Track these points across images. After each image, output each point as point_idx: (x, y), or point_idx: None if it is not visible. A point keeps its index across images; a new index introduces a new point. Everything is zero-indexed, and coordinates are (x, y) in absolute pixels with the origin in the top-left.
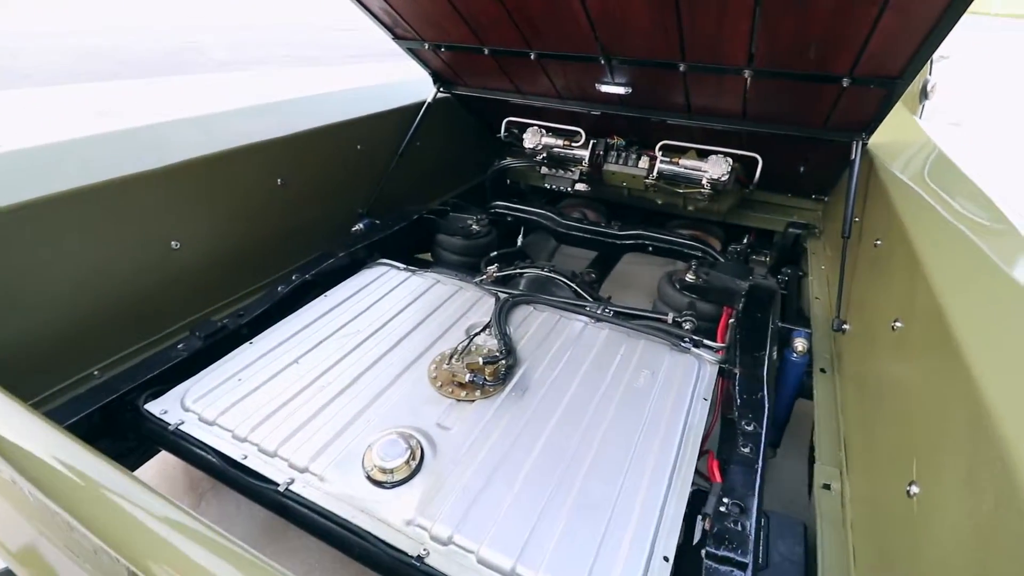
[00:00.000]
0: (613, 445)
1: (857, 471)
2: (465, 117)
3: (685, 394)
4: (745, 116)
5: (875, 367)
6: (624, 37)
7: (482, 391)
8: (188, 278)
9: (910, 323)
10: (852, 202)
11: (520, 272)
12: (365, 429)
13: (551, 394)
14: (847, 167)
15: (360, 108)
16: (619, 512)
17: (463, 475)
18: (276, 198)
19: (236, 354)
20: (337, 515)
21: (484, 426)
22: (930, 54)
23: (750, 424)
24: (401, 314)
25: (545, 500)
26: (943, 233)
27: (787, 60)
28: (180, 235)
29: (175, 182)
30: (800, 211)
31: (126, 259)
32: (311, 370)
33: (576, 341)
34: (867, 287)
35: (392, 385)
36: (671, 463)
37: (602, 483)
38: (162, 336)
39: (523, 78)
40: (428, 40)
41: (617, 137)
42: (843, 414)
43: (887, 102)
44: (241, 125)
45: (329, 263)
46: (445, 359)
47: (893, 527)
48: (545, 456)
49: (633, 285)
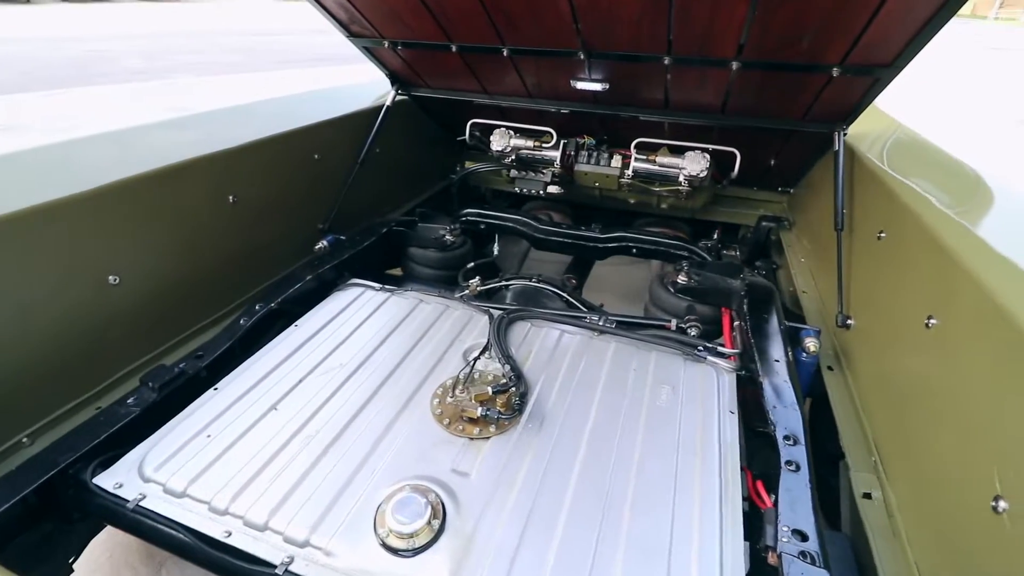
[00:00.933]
0: (651, 475)
1: (902, 479)
2: (424, 121)
3: (711, 409)
4: (724, 110)
5: (906, 366)
6: (608, 29)
7: (497, 425)
8: (131, 317)
9: (950, 320)
10: (841, 193)
11: (506, 284)
12: (371, 485)
13: (571, 422)
14: (818, 158)
15: (303, 116)
16: (677, 555)
17: (494, 531)
18: (228, 218)
19: (200, 405)
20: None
21: (506, 467)
22: (926, 42)
23: (790, 438)
24: (387, 341)
25: (593, 550)
26: (969, 225)
27: (778, 50)
28: (118, 268)
29: (108, 207)
30: (766, 204)
31: (53, 301)
32: (294, 417)
33: (584, 358)
34: (876, 281)
35: (392, 427)
36: (717, 489)
37: (650, 521)
38: (105, 387)
39: (491, 77)
40: (387, 37)
41: (587, 136)
42: (867, 416)
43: (872, 91)
44: (161, 139)
45: (296, 288)
46: (448, 391)
47: (977, 544)
48: (582, 497)
49: (607, 289)
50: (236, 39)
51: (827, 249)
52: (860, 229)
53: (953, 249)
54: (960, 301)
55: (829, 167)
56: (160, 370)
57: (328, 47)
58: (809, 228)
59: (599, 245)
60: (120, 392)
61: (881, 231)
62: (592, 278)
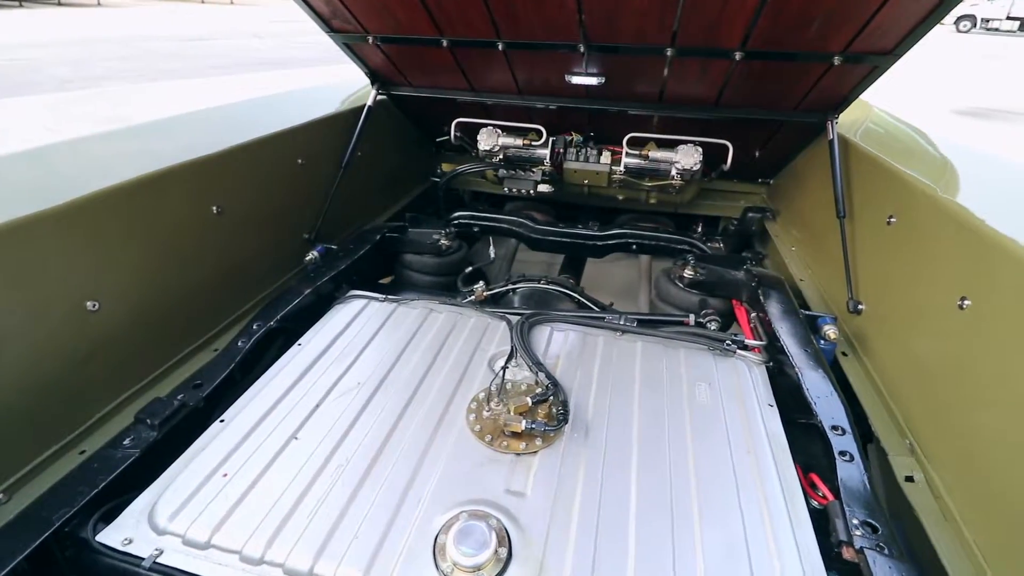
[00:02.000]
0: (710, 478)
1: (946, 460)
2: (400, 122)
3: (751, 404)
4: (718, 102)
5: (937, 348)
6: (614, 20)
7: (543, 438)
8: (113, 346)
9: (986, 300)
10: (840, 181)
11: (513, 288)
12: (421, 515)
13: (616, 427)
14: (803, 147)
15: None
16: (757, 559)
17: (565, 553)
18: (213, 230)
19: (208, 440)
20: None
21: (561, 482)
22: (930, 28)
23: (837, 428)
24: (404, 355)
25: (671, 563)
26: (989, 207)
27: (784, 38)
28: (96, 291)
29: (81, 223)
30: (746, 196)
31: (23, 334)
32: (319, 446)
33: (613, 359)
34: (889, 266)
35: (430, 448)
36: (778, 486)
37: (721, 526)
38: (88, 428)
39: (480, 73)
40: (372, 32)
41: (574, 133)
42: (894, 400)
43: (868, 80)
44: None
45: (294, 303)
46: (482, 404)
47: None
48: (647, 507)
49: (596, 287)
50: (168, 44)
51: (822, 236)
52: (864, 215)
53: (985, 230)
54: (998, 281)
55: (813, 156)
56: (157, 404)
57: (266, 51)
58: (798, 217)
59: (598, 243)
60: (107, 433)
61: (891, 216)
62: (583, 277)
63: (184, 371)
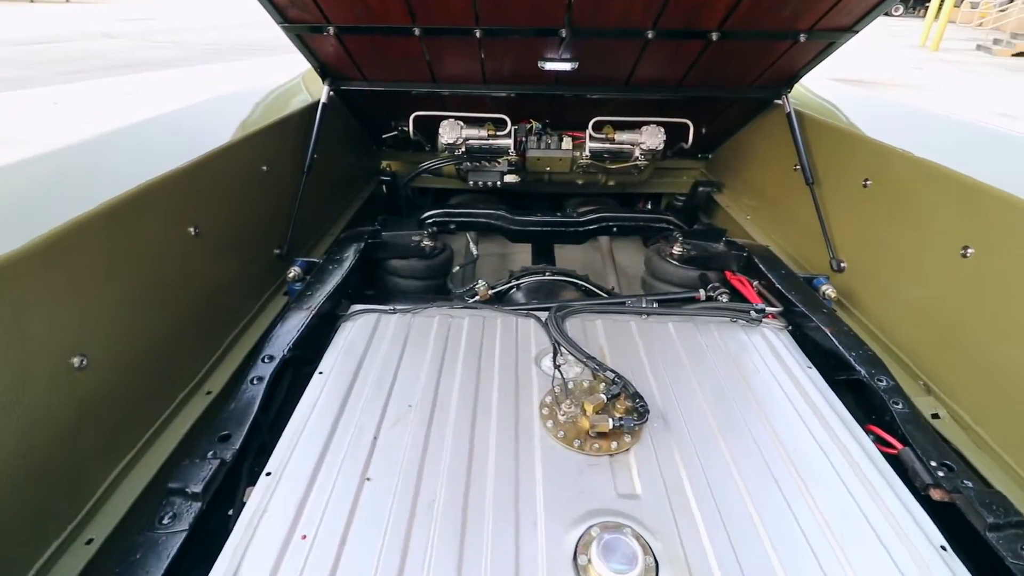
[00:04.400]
0: (795, 445)
1: (968, 395)
2: (344, 118)
3: (795, 368)
4: (682, 82)
5: (943, 294)
6: (602, 4)
7: (631, 434)
8: (106, 406)
9: (990, 247)
10: (803, 151)
11: (516, 284)
12: (546, 540)
13: (689, 411)
14: (746, 121)
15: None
16: (870, 512)
17: (703, 545)
18: (193, 255)
19: (265, 499)
20: None
21: (665, 476)
22: (888, 7)
23: (881, 379)
24: (445, 368)
25: (803, 538)
26: (975, 158)
27: (761, 19)
28: (82, 343)
29: (62, 261)
30: (687, 171)
31: (8, 410)
32: (398, 485)
33: (653, 342)
34: (872, 224)
35: (520, 465)
36: (856, 444)
37: (824, 488)
38: (90, 509)
39: (447, 62)
40: (335, 23)
41: (533, 121)
42: (898, 347)
43: (823, 55)
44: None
45: (302, 328)
46: (553, 408)
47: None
48: (754, 485)
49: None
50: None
51: (781, 203)
52: (834, 180)
53: (983, 185)
54: (1001, 229)
55: (756, 129)
56: (191, 469)
57: (122, 53)
58: (749, 187)
59: (579, 229)
60: (111, 512)
61: (866, 179)
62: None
63: (180, 424)
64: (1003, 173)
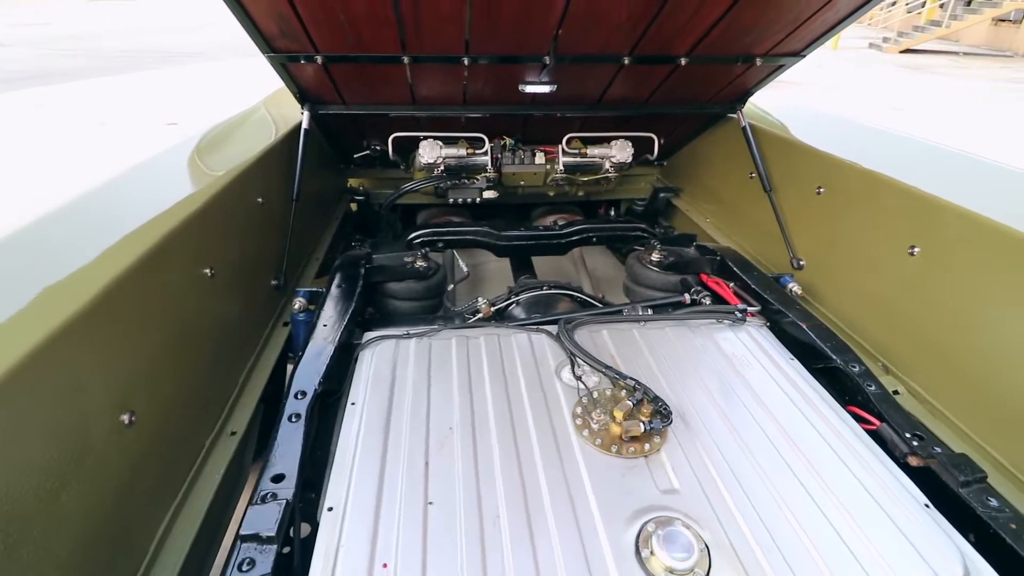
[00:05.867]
0: (798, 433)
1: (923, 372)
2: (317, 142)
3: (781, 362)
4: (648, 100)
5: (895, 286)
6: (587, 33)
7: (660, 435)
8: (151, 460)
9: (933, 246)
10: (760, 160)
11: (515, 300)
12: (608, 539)
13: (703, 409)
14: (700, 132)
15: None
16: (871, 485)
17: (741, 529)
18: (210, 297)
19: (334, 534)
20: None
21: (697, 470)
22: (833, 35)
23: (854, 364)
24: (474, 388)
25: (825, 517)
26: (920, 167)
27: (725, 46)
28: (129, 400)
29: (105, 319)
30: (644, 178)
31: (74, 475)
32: (461, 505)
33: (655, 347)
34: (826, 227)
35: (568, 474)
36: (846, 426)
37: (829, 469)
38: (149, 563)
39: (430, 86)
40: (323, 52)
41: (506, 137)
42: (857, 333)
43: (773, 76)
44: None
45: (328, 360)
46: (585, 418)
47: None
48: (774, 475)
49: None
50: None
51: (739, 208)
52: (789, 188)
53: (927, 194)
54: (943, 232)
55: (711, 140)
56: (259, 513)
57: (19, 63)
58: (707, 193)
59: (562, 241)
60: (170, 564)
61: (820, 187)
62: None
63: (213, 469)
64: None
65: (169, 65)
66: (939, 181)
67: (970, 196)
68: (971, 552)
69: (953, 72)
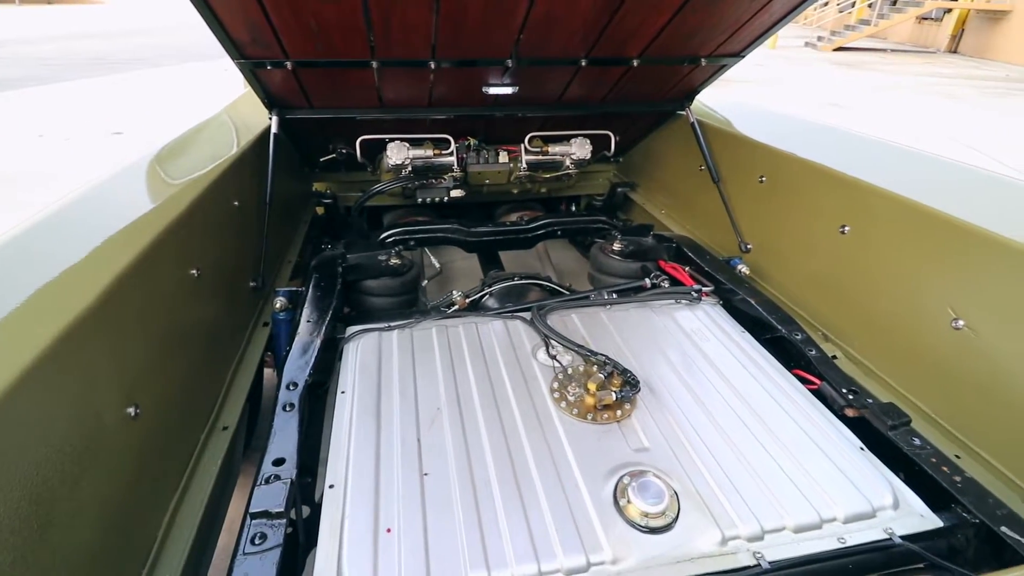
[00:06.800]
0: (750, 392)
1: (856, 338)
2: (283, 147)
3: (734, 334)
4: (604, 99)
5: (829, 263)
6: (548, 39)
7: (630, 402)
8: (154, 454)
9: (862, 225)
10: (708, 154)
11: (489, 291)
12: (588, 492)
13: (666, 379)
14: (653, 130)
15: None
16: (810, 430)
17: (704, 476)
18: (196, 295)
19: (337, 507)
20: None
21: (664, 430)
22: (768, 37)
23: (796, 333)
24: (458, 372)
25: (776, 462)
26: (847, 154)
27: (673, 48)
28: (135, 393)
29: (112, 314)
30: (602, 174)
31: (75, 464)
32: (455, 473)
33: (621, 327)
34: (769, 213)
35: (550, 441)
36: (789, 385)
37: (777, 419)
38: (157, 550)
39: (397, 90)
40: (293, 58)
41: (470, 138)
42: (799, 306)
43: (716, 75)
44: None
45: (315, 353)
46: (562, 392)
47: (942, 354)
48: (728, 426)
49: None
50: None
51: (691, 198)
52: (735, 178)
53: (854, 179)
54: (870, 211)
55: (663, 137)
56: (266, 492)
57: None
58: (661, 186)
59: (529, 235)
60: (172, 553)
61: (762, 176)
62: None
63: (210, 460)
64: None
65: (109, 72)
66: (867, 167)
67: (891, 178)
68: (900, 484)
69: (882, 68)
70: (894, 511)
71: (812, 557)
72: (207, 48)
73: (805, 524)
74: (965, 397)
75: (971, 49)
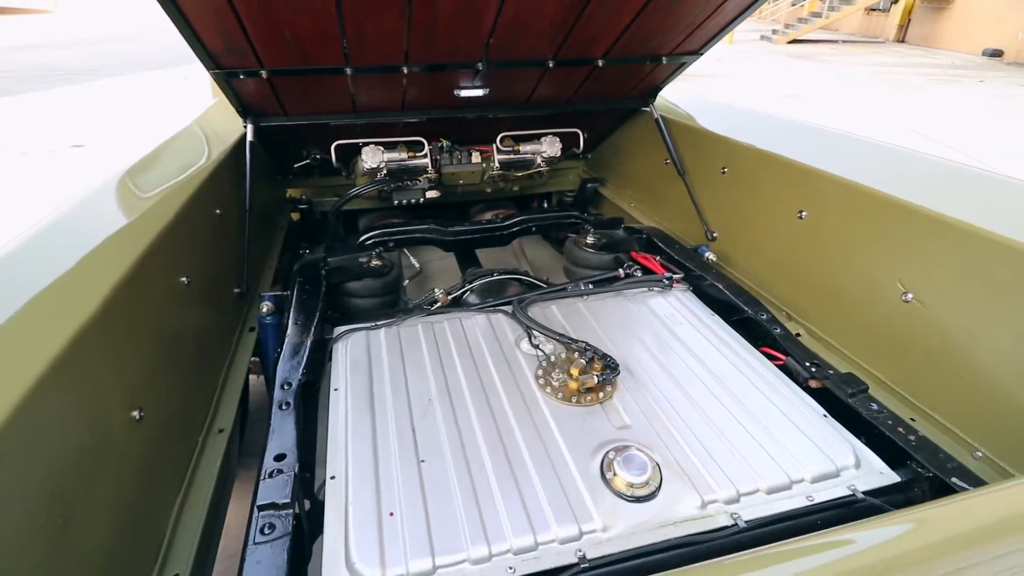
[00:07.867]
0: (723, 370)
1: (817, 316)
2: (258, 154)
3: (704, 318)
4: (571, 99)
5: (788, 247)
6: (516, 42)
7: (611, 384)
8: (160, 457)
9: (817, 209)
10: (672, 148)
11: (470, 287)
12: (577, 468)
13: (644, 362)
14: (618, 127)
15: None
16: (778, 401)
17: (683, 448)
18: (186, 301)
19: (340, 496)
20: (654, 544)
21: (644, 408)
22: (724, 35)
23: (763, 314)
24: (446, 365)
25: (747, 433)
26: (802, 144)
27: (636, 47)
28: (138, 398)
29: (115, 321)
30: (571, 171)
31: (83, 468)
32: (451, 460)
33: (598, 315)
34: (732, 202)
35: (539, 425)
36: (760, 363)
37: (747, 393)
38: (167, 548)
39: (371, 94)
40: (268, 67)
41: (443, 139)
42: (763, 288)
43: (676, 73)
44: None
45: (307, 354)
46: (547, 379)
47: (892, 327)
48: (704, 402)
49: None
50: None
51: (658, 191)
52: (699, 170)
53: (809, 167)
54: (823, 197)
55: (628, 133)
56: (272, 486)
57: None
58: (629, 180)
59: (505, 232)
60: (182, 549)
61: (724, 167)
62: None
63: (208, 462)
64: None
65: (64, 83)
66: (821, 155)
67: (843, 165)
68: (861, 446)
69: (834, 59)
70: (856, 470)
71: (784, 515)
72: (165, 56)
73: (776, 486)
74: (917, 364)
75: (917, 38)
